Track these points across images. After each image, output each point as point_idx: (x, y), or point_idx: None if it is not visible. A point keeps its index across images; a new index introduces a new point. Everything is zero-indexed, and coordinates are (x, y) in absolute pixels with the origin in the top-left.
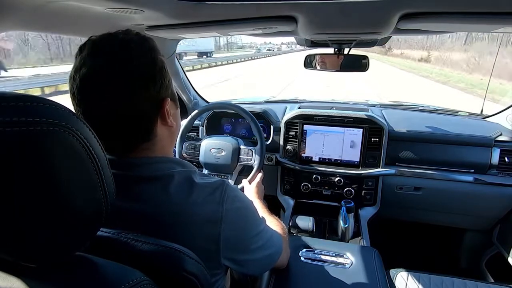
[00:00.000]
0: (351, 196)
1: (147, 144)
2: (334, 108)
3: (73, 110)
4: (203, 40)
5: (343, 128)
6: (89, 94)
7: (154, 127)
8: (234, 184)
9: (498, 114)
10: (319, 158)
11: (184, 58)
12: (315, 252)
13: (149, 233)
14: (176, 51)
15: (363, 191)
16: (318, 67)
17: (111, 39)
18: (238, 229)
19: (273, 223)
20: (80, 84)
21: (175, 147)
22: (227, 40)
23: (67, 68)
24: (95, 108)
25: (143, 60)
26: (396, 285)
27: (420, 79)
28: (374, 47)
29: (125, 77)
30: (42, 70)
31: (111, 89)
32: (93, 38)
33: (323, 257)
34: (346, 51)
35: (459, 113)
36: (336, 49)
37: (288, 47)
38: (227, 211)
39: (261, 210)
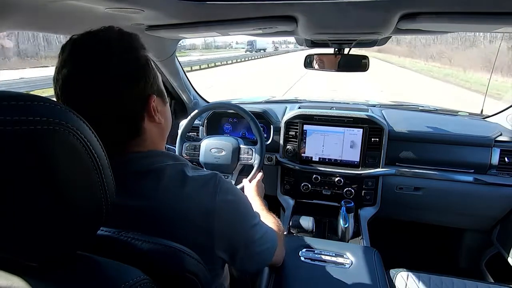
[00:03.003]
0: (351, 196)
1: (136, 140)
2: (334, 108)
3: None
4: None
5: (343, 128)
6: (72, 94)
7: (141, 124)
8: (234, 184)
9: (498, 114)
10: (319, 158)
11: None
12: (315, 252)
13: (144, 228)
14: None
15: (363, 191)
16: (318, 67)
17: (91, 38)
18: (231, 222)
19: (269, 220)
20: (62, 84)
21: (174, 146)
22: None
23: None
24: (79, 108)
25: (125, 57)
26: (396, 285)
27: None
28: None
29: (106, 75)
30: None
31: (93, 88)
32: (74, 37)
33: (323, 257)
34: (346, 51)
35: (459, 113)
36: (336, 49)
37: (275, 49)
38: (220, 203)
39: (260, 208)
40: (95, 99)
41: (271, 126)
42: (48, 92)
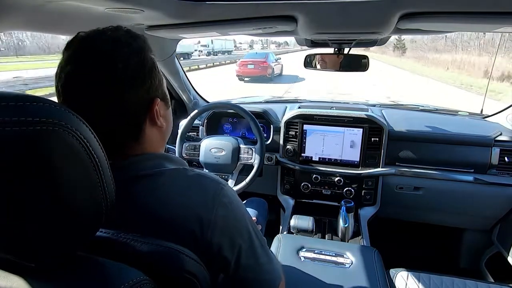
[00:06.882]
0: (351, 196)
1: (136, 143)
2: (334, 108)
3: None
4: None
5: (343, 128)
6: (73, 93)
7: (143, 128)
8: (234, 183)
9: (498, 114)
10: (319, 158)
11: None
12: (315, 252)
13: (142, 231)
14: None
15: (363, 191)
16: (319, 67)
17: (99, 37)
18: (230, 237)
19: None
20: (64, 82)
21: (174, 146)
22: None
23: None
24: (79, 107)
25: (132, 59)
26: (396, 285)
27: None
28: None
29: (111, 75)
30: None
31: (96, 89)
32: (81, 34)
33: (323, 257)
34: (346, 51)
35: (459, 113)
36: (336, 49)
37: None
38: (217, 217)
39: None
40: (97, 99)
41: (271, 126)
42: None
